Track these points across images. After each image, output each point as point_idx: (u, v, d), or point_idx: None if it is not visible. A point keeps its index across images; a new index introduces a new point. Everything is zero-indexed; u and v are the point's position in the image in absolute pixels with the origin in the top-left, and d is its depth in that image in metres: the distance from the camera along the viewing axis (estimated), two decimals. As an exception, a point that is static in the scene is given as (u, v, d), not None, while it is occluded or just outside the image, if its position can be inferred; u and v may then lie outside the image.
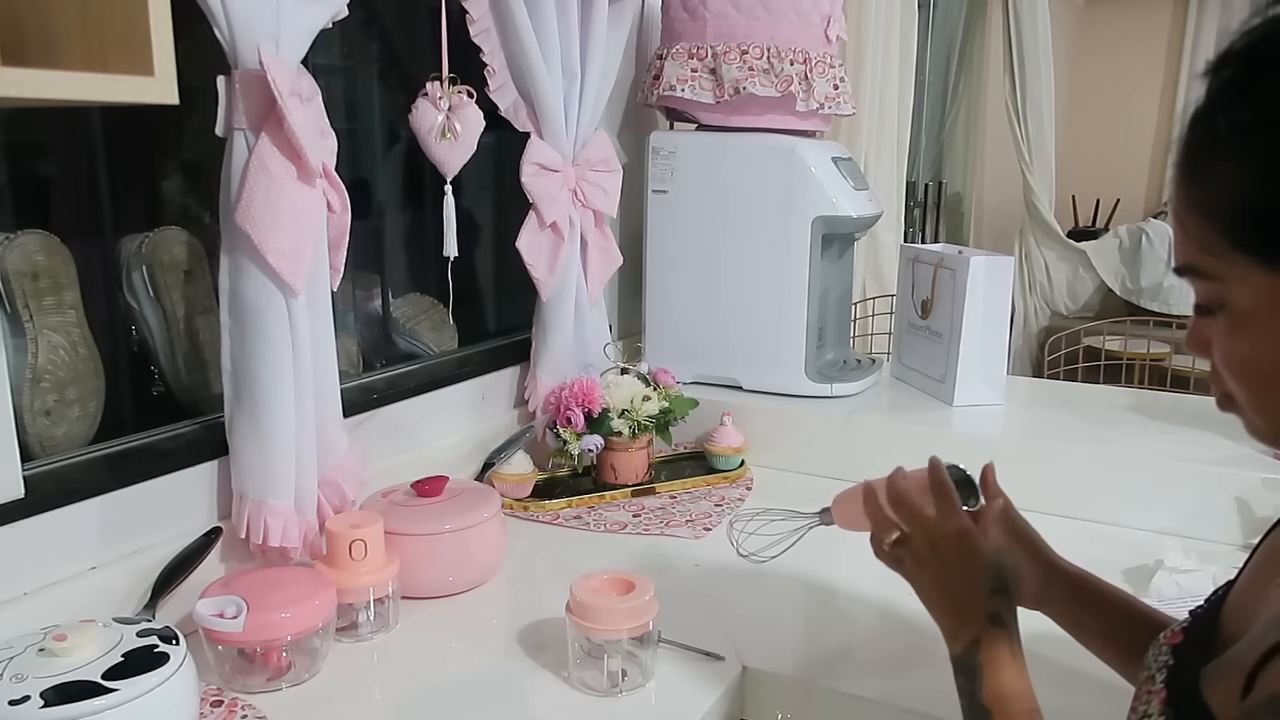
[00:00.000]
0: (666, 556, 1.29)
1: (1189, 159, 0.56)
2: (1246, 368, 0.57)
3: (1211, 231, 0.54)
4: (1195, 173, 0.56)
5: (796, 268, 1.61)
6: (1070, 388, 2.02)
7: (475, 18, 1.36)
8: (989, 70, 4.16)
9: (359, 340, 1.54)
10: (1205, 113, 0.55)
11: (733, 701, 1.00)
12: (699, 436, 1.63)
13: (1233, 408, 0.60)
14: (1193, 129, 0.56)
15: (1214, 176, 0.54)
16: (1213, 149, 0.55)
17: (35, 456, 1.02)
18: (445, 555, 1.15)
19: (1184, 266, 0.58)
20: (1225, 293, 0.56)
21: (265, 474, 1.06)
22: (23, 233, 1.02)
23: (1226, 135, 0.53)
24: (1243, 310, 0.55)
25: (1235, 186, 0.53)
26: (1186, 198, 0.56)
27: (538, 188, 1.45)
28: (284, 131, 0.99)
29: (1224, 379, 0.59)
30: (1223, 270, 0.55)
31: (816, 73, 1.59)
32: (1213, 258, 0.55)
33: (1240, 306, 0.55)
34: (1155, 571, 1.17)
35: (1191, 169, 0.56)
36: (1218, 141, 0.54)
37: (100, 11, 0.73)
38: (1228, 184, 0.53)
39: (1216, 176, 0.54)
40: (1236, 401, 0.60)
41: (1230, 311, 0.56)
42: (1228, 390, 0.60)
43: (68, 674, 0.77)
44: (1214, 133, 0.54)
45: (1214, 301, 0.57)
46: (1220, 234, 0.54)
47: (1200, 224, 0.55)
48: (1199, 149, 0.56)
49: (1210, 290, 0.57)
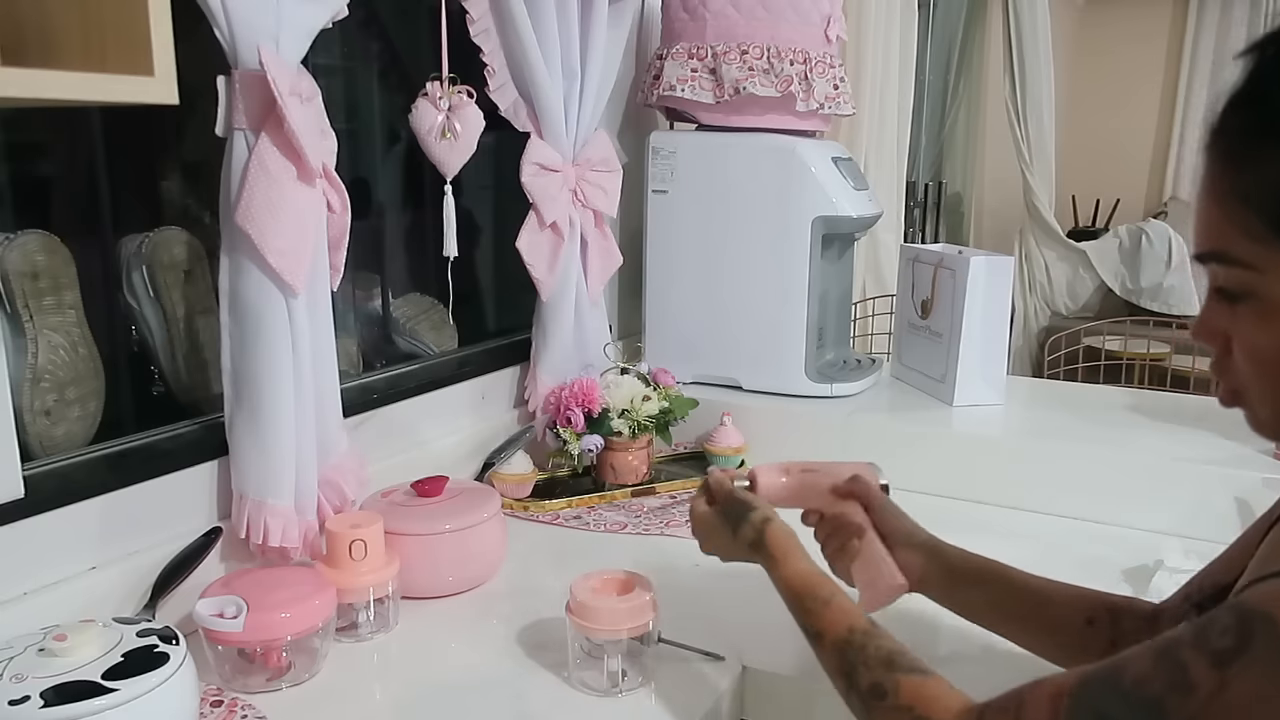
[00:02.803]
0: (666, 556, 1.29)
1: (1229, 143, 0.54)
2: (1271, 359, 0.56)
3: (1251, 217, 0.53)
4: (1236, 157, 0.54)
5: (796, 268, 1.61)
6: (1070, 388, 2.02)
7: (475, 18, 1.35)
8: (989, 70, 4.16)
9: (359, 340, 1.54)
10: (1246, 95, 0.53)
11: (733, 701, 1.00)
12: (699, 436, 1.63)
13: (1239, 402, 0.60)
14: (1232, 112, 0.54)
15: (1257, 161, 0.53)
16: (1257, 133, 0.53)
17: (35, 456, 1.02)
18: (445, 555, 1.15)
19: (1210, 252, 0.56)
20: (1257, 281, 0.54)
21: (265, 474, 1.06)
22: (23, 233, 1.02)
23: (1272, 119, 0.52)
24: (1276, 300, 0.54)
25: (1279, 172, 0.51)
26: (1224, 183, 0.55)
27: (538, 188, 1.45)
28: (284, 131, 0.99)
29: (1235, 371, 0.58)
30: (1259, 258, 0.53)
31: (816, 73, 1.59)
32: (1251, 244, 0.53)
33: (1274, 296, 0.54)
34: (1155, 571, 1.17)
35: (1231, 153, 0.54)
36: (1263, 125, 0.52)
37: (100, 11, 0.73)
38: (1272, 169, 0.52)
39: (1260, 161, 0.52)
40: (1243, 395, 0.59)
41: (1261, 301, 0.54)
42: (1234, 385, 0.59)
43: (68, 674, 0.77)
44: (1259, 116, 0.53)
45: (1242, 290, 0.55)
46: (1262, 220, 0.52)
47: (1238, 209, 0.54)
48: (1241, 133, 0.54)
49: (1240, 278, 0.55)
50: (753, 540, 0.89)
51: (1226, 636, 0.51)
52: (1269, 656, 0.50)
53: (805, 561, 0.85)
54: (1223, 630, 0.52)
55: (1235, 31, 4.62)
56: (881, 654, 0.72)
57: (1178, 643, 0.54)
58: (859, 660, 0.72)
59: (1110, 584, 1.15)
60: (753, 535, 0.89)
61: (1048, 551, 0.93)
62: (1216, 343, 0.59)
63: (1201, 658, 0.52)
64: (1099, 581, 0.91)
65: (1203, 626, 0.53)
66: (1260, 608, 0.51)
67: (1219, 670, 0.51)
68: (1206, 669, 0.51)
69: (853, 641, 0.74)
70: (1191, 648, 0.53)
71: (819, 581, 0.82)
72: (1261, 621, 0.50)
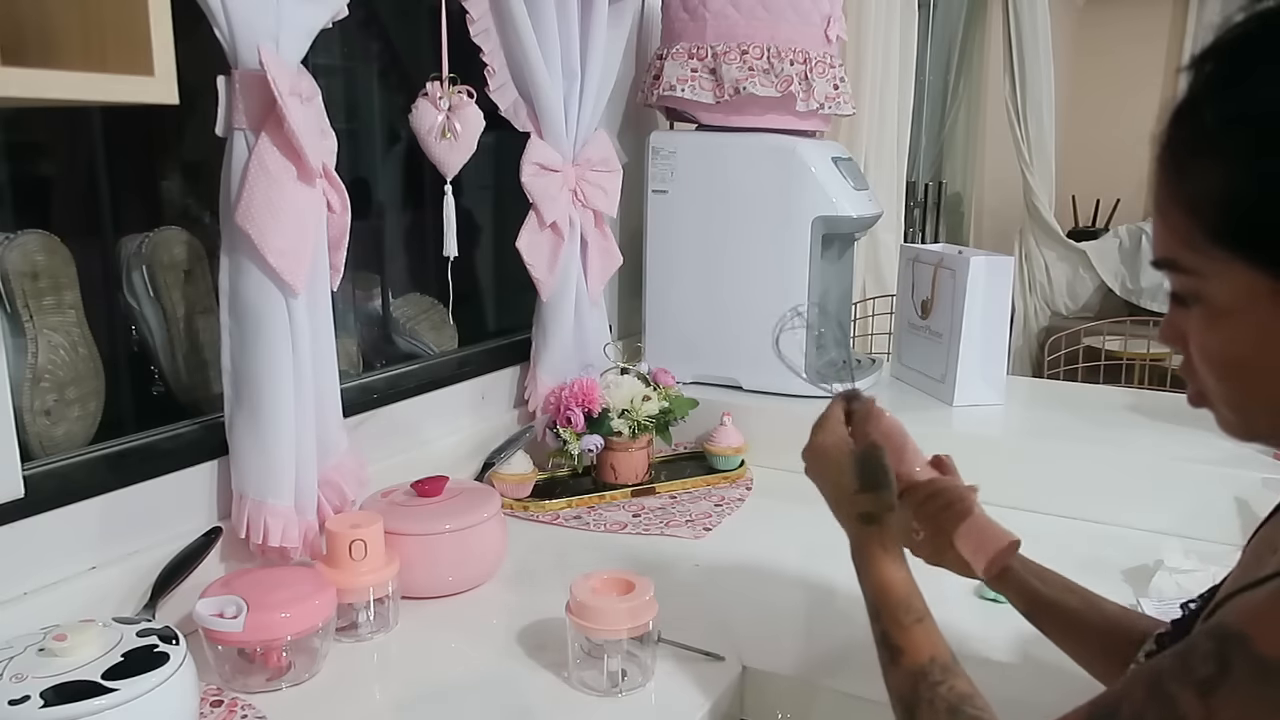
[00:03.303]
0: (666, 556, 1.29)
1: (1172, 154, 0.56)
2: (1221, 361, 0.57)
3: (1193, 226, 0.55)
4: (1178, 168, 0.56)
5: (796, 268, 1.61)
6: (1070, 388, 2.02)
7: (475, 18, 1.35)
8: (989, 70, 4.16)
9: (359, 340, 1.54)
10: (1188, 108, 0.55)
11: (733, 701, 1.00)
12: (699, 436, 1.63)
13: (1204, 403, 0.61)
14: (1175, 124, 0.56)
15: (1197, 172, 0.54)
16: (1196, 144, 0.55)
17: (35, 456, 1.02)
18: (445, 555, 1.15)
19: (1163, 260, 0.58)
20: (1203, 287, 0.56)
21: (265, 474, 1.06)
22: (23, 233, 1.02)
23: (1210, 130, 0.53)
24: (1220, 305, 0.55)
25: (1218, 182, 0.53)
26: (1169, 192, 0.56)
27: (538, 188, 1.45)
28: (284, 131, 0.99)
29: (1196, 373, 0.60)
30: (1202, 265, 0.55)
31: (816, 73, 1.59)
32: (1193, 252, 0.55)
33: (1218, 301, 0.55)
34: (1155, 571, 1.17)
35: (1174, 164, 0.56)
36: (1201, 137, 0.54)
37: (100, 11, 0.73)
38: (1210, 180, 0.53)
39: (1199, 172, 0.54)
40: (1208, 397, 0.60)
41: (1207, 305, 0.56)
42: (1199, 387, 0.60)
43: (68, 674, 0.77)
44: (1197, 128, 0.54)
45: (1191, 295, 0.57)
46: (1201, 229, 0.54)
47: (1182, 218, 0.55)
48: (1182, 144, 0.56)
49: (1188, 284, 0.57)
50: (868, 514, 0.81)
51: (1208, 663, 0.51)
52: (1250, 680, 0.49)
53: (907, 569, 0.79)
54: (1204, 657, 0.52)
55: (1235, 32, 4.61)
56: (951, 698, 0.69)
57: (1165, 674, 0.53)
58: (929, 697, 0.70)
59: (1110, 584, 1.16)
60: (871, 510, 0.81)
61: (1048, 552, 0.93)
62: (1179, 345, 0.61)
63: (1187, 689, 0.51)
64: (1099, 581, 0.91)
65: (1185, 654, 0.53)
66: (1235, 628, 0.51)
67: (1204, 700, 0.51)
68: (1193, 699, 0.51)
69: (929, 675, 0.71)
70: (1177, 679, 0.52)
71: (916, 596, 0.77)
72: (1238, 643, 0.50)
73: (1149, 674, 0.55)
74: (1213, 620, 0.54)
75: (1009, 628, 0.94)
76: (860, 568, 0.80)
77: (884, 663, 0.75)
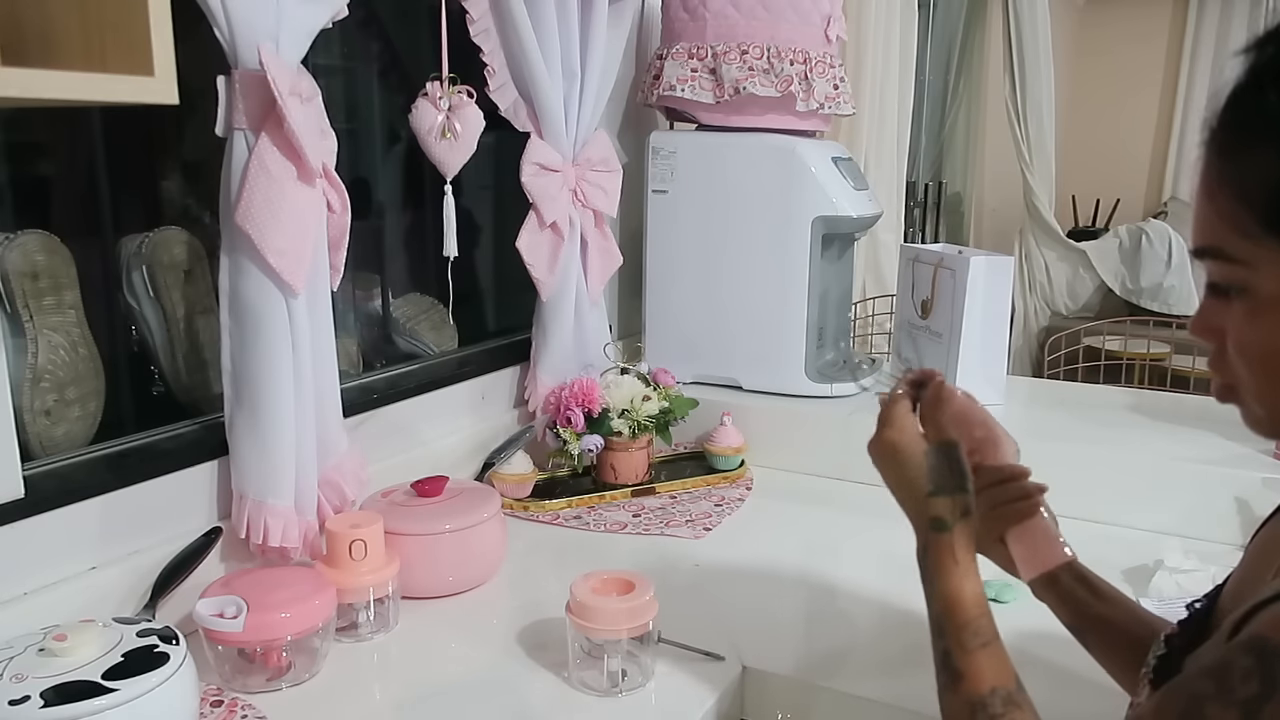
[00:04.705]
0: (666, 556, 1.29)
1: (1225, 137, 0.54)
2: (1261, 355, 0.55)
3: (1243, 213, 0.53)
4: (1232, 151, 0.54)
5: (796, 268, 1.61)
6: (1070, 388, 2.02)
7: (475, 18, 1.35)
8: (989, 70, 4.16)
9: (359, 340, 1.54)
10: (1247, 89, 0.53)
11: (733, 701, 1.00)
12: (699, 436, 1.63)
13: (1233, 398, 0.59)
14: (1231, 106, 0.54)
15: (1252, 156, 0.52)
16: (1253, 128, 0.53)
17: (35, 456, 1.02)
18: (445, 555, 1.15)
19: (1206, 248, 0.56)
20: (1249, 277, 0.54)
21: (265, 474, 1.06)
22: (23, 233, 1.02)
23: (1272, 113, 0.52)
24: (1266, 296, 0.54)
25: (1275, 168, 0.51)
26: (1219, 177, 0.55)
27: (538, 188, 1.45)
28: (284, 131, 0.99)
29: (1230, 366, 0.58)
30: (1250, 254, 0.53)
31: (816, 73, 1.59)
32: (1242, 240, 0.53)
33: (1264, 292, 0.54)
34: (1155, 571, 1.17)
35: (1228, 147, 0.54)
36: (1260, 120, 0.52)
37: (100, 11, 0.73)
38: (1266, 165, 0.52)
39: (1255, 157, 0.52)
40: (1238, 391, 0.58)
41: (1251, 296, 0.54)
42: (1229, 380, 0.59)
43: (68, 674, 0.77)
44: (1257, 111, 0.53)
45: (1235, 285, 0.55)
46: (1253, 216, 0.52)
47: (1231, 205, 0.54)
48: (1238, 127, 0.54)
49: (1232, 273, 0.55)
50: (940, 519, 0.73)
51: (1250, 682, 0.48)
52: None
53: (979, 581, 0.72)
54: (1244, 675, 0.49)
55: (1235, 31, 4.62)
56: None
57: (1202, 698, 0.51)
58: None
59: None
60: (945, 514, 0.73)
61: (1047, 551, 0.92)
62: (1213, 338, 0.59)
63: (1230, 710, 0.49)
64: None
65: (1220, 674, 0.50)
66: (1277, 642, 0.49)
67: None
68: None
69: (989, 707, 0.65)
70: (1218, 701, 0.50)
71: (986, 616, 0.70)
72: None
73: (1181, 699, 0.52)
74: (1245, 635, 0.51)
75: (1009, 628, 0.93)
76: (927, 576, 0.73)
77: (941, 684, 0.69)
